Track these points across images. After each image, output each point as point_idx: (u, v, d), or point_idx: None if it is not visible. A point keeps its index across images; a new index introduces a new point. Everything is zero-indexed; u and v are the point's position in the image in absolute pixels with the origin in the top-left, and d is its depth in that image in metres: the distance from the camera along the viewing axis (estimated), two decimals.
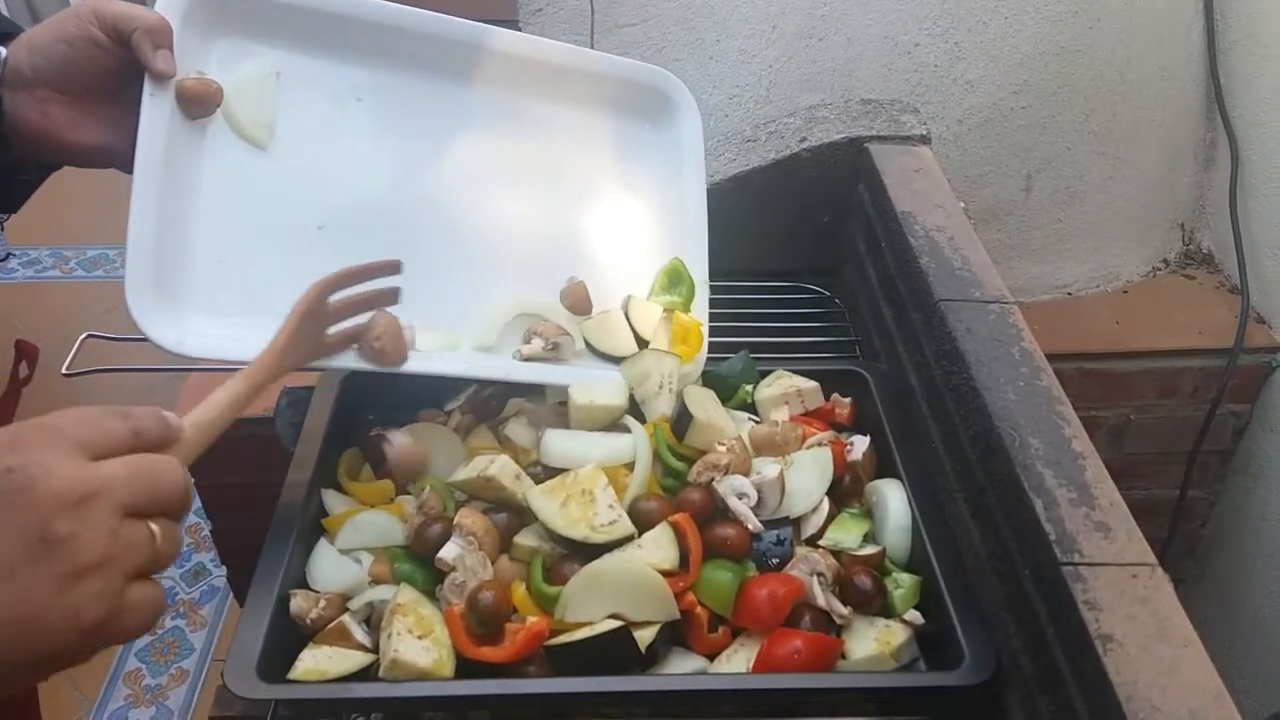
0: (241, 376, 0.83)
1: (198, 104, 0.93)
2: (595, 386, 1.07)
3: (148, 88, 0.87)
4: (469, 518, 0.93)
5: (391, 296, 0.98)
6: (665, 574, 0.89)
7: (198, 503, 2.52)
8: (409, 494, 1.01)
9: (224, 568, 1.72)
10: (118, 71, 0.86)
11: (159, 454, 0.58)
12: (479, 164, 1.11)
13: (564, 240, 1.14)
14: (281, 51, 1.00)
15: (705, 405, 1.07)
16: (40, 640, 0.49)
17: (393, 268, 0.98)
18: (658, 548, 0.91)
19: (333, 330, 0.94)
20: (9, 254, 3.40)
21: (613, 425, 1.06)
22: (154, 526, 0.54)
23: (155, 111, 0.88)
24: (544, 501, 0.95)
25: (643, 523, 0.94)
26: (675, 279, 1.16)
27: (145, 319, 0.88)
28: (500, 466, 0.96)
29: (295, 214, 1.01)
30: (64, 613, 0.49)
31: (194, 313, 0.93)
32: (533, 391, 1.10)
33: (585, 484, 0.96)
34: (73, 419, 0.54)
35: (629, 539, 0.93)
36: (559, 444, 1.02)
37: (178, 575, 2.38)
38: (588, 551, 0.91)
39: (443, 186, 1.09)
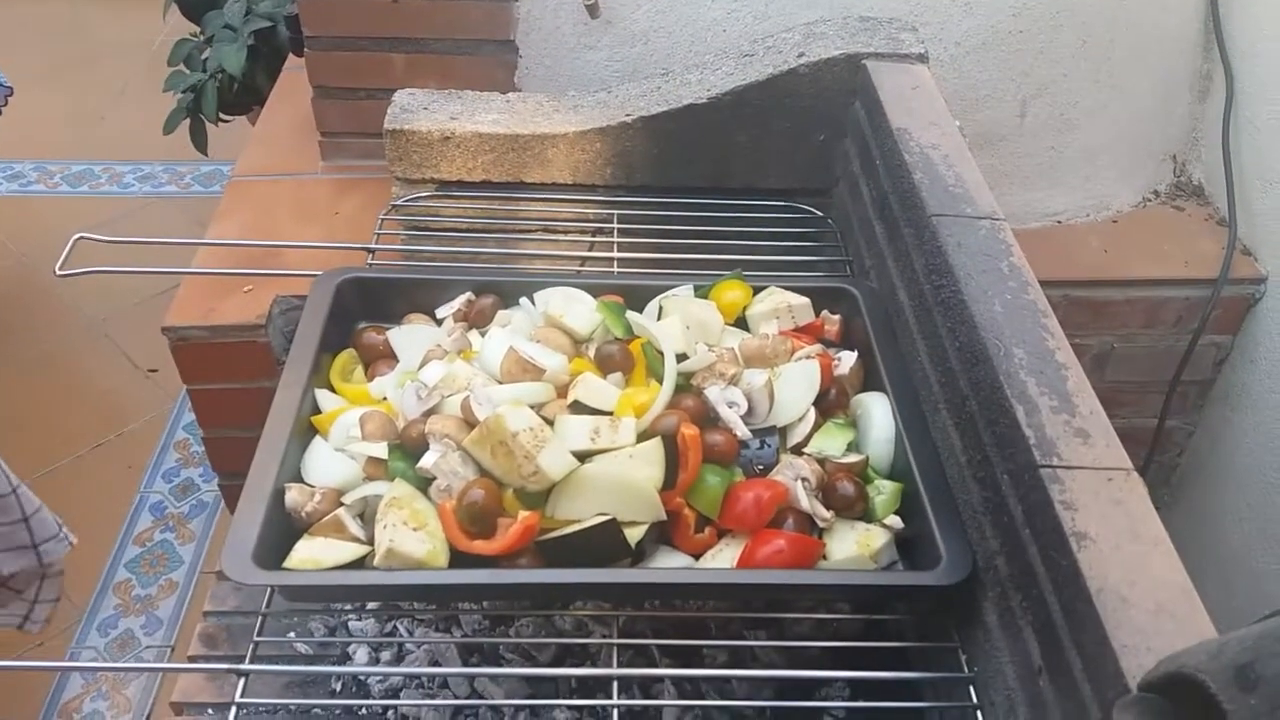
0: None
1: None
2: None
3: None
4: (440, 422, 0.93)
5: None
6: None
7: (189, 418, 2.54)
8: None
9: (215, 476, 1.74)
10: None
11: None
12: None
13: None
14: None
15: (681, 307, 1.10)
16: None
17: None
18: (647, 464, 0.92)
19: None
20: None
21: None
22: None
23: None
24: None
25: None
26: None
27: None
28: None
29: None
30: None
31: None
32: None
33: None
34: None
35: (621, 448, 0.93)
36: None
37: (167, 490, 2.40)
38: (578, 455, 0.92)
39: None
